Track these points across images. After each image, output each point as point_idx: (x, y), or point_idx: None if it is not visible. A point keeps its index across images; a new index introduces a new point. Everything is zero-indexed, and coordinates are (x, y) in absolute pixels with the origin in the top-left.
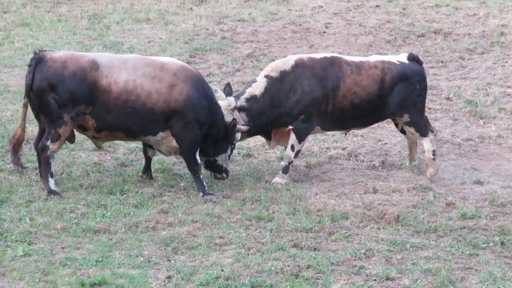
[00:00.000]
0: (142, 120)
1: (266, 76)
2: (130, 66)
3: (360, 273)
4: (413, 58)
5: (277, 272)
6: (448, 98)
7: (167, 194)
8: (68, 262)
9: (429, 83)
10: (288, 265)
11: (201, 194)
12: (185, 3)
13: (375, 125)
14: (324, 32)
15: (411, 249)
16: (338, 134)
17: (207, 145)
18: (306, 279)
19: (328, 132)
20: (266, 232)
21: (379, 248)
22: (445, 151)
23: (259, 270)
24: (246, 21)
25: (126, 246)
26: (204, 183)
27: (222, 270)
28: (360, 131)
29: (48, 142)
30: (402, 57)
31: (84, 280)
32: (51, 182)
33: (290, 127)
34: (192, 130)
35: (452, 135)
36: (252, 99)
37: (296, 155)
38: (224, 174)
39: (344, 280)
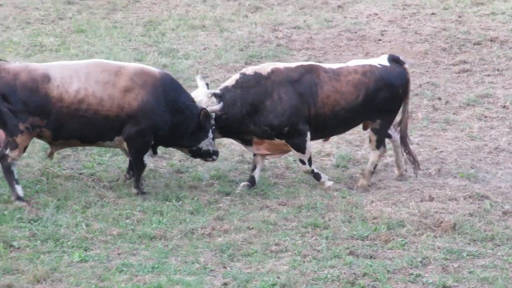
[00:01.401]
0: (96, 127)
1: (241, 73)
2: (82, 74)
3: (416, 281)
4: (393, 60)
5: (333, 280)
6: (504, 106)
7: (223, 200)
8: (124, 268)
9: (485, 91)
10: (344, 273)
11: (134, 191)
12: (240, 10)
13: (431, 133)
14: (380, 40)
15: (467, 257)
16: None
17: (183, 138)
18: (363, 287)
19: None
20: (322, 240)
21: (435, 256)
22: (501, 160)
23: (315, 278)
24: (301, 28)
25: (182, 252)
26: (142, 181)
27: (278, 277)
28: (415, 139)
29: (7, 151)
30: (383, 60)
31: (140, 286)
32: (18, 188)
33: (278, 140)
34: (144, 137)
35: (508, 144)
36: (224, 88)
37: (310, 163)
38: (214, 157)
39: None
